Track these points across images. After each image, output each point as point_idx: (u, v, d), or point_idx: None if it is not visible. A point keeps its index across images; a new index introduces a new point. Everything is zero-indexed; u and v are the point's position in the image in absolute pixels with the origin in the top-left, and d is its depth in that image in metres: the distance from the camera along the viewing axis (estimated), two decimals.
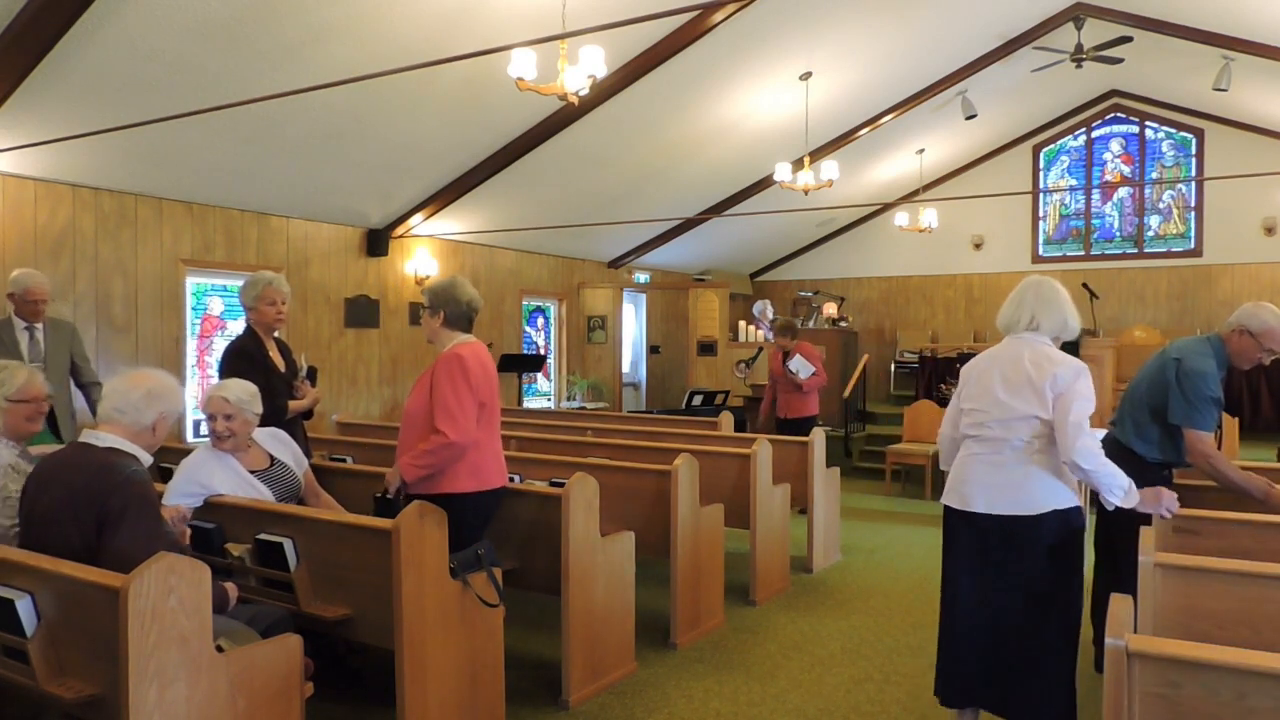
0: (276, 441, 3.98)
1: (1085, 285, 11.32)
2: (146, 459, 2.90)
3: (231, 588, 3.01)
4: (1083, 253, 13.04)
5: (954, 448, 3.32)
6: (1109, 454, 3.80)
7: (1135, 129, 12.67)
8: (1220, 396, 3.69)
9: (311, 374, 4.57)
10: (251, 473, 3.74)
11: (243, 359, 4.24)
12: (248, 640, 2.78)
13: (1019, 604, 3.05)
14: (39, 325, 5.35)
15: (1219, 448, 4.06)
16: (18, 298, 5.28)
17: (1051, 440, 3.03)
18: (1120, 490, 3.04)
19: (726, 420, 7.36)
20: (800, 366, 7.59)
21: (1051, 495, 3.04)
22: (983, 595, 3.10)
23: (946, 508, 3.24)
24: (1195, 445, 3.64)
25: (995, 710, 3.15)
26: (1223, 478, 3.63)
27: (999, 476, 3.07)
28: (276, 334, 4.52)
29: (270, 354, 4.39)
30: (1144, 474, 3.75)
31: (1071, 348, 3.19)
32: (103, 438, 2.83)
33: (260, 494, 3.69)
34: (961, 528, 3.16)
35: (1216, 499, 3.71)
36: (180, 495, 3.57)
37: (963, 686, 3.17)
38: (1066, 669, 3.05)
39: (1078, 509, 3.11)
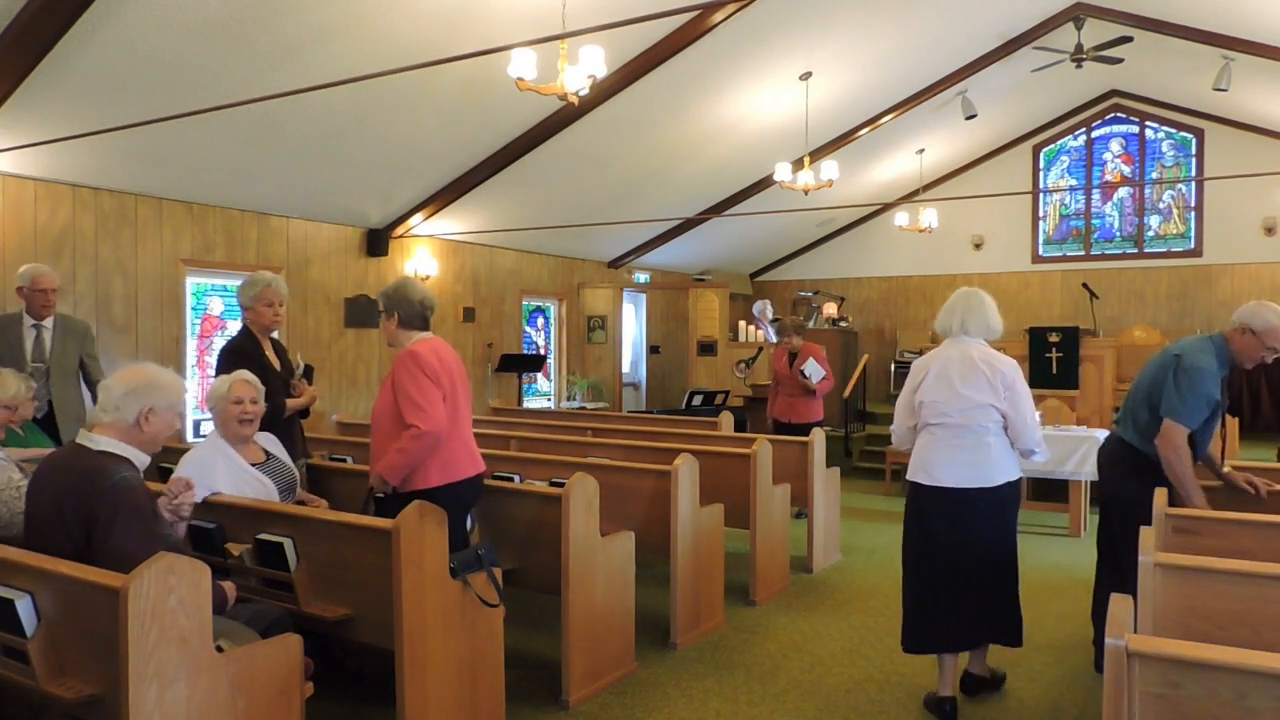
0: (271, 443, 4.00)
1: (1085, 285, 11.33)
2: (142, 459, 2.86)
3: (230, 587, 3.01)
4: (1083, 253, 13.04)
5: (910, 434, 3.86)
6: (1114, 452, 3.87)
7: (1135, 129, 12.67)
8: (1217, 396, 3.69)
9: (308, 372, 4.57)
10: (252, 465, 3.75)
11: (239, 357, 4.23)
12: (248, 640, 2.78)
13: (980, 555, 3.67)
14: (47, 324, 5.32)
15: (1222, 447, 4.06)
16: (26, 291, 5.26)
17: (1002, 425, 3.65)
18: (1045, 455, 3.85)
19: (726, 420, 7.36)
20: (814, 370, 7.38)
21: (1005, 470, 3.66)
22: (951, 553, 3.68)
23: (913, 483, 3.79)
24: (1167, 434, 3.64)
25: (969, 645, 3.80)
26: (1176, 474, 3.61)
27: (962, 456, 3.64)
28: (274, 335, 4.53)
29: (266, 353, 4.39)
30: (1144, 472, 3.76)
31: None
32: (97, 440, 2.81)
33: (264, 486, 3.70)
34: (928, 499, 3.72)
35: (1216, 500, 3.71)
36: None
37: (935, 634, 3.73)
38: (1015, 593, 3.81)
39: (1020, 479, 3.76)
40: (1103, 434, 5.92)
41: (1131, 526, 3.31)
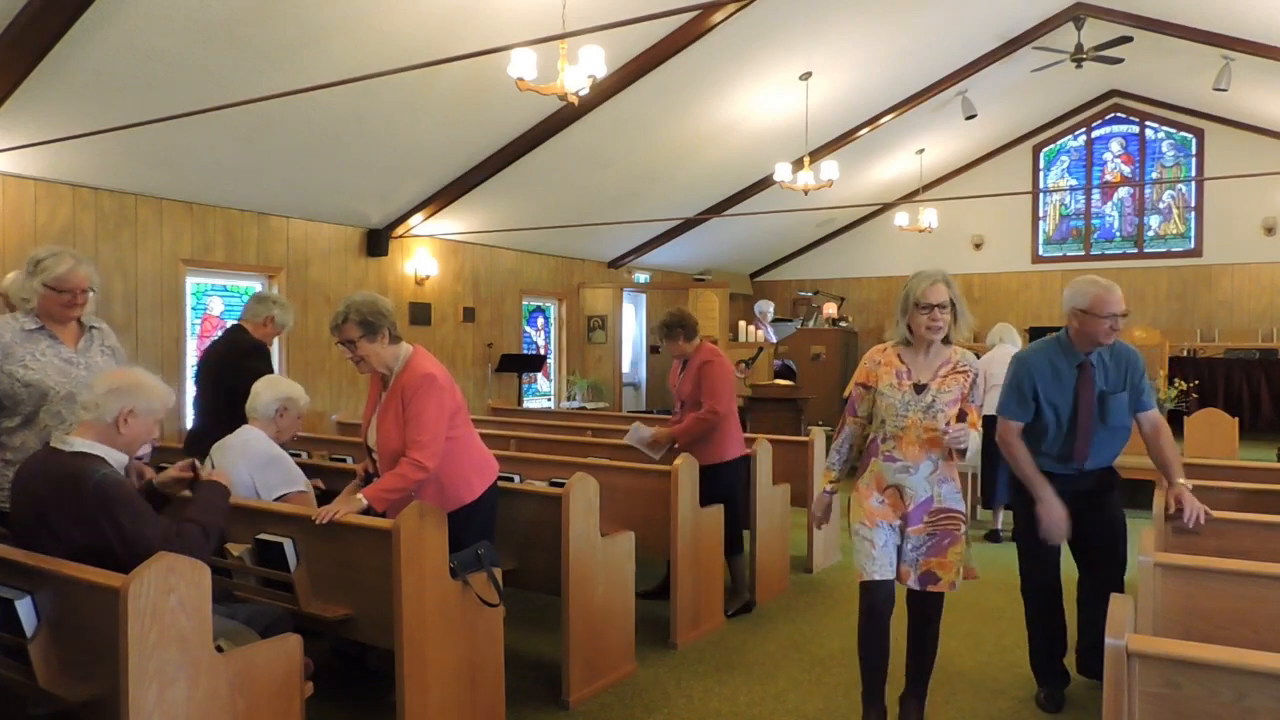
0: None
1: None
2: (119, 459, 2.81)
3: (222, 475, 3.05)
4: (1083, 253, 13.04)
5: None
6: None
7: (1135, 129, 12.68)
8: (1029, 390, 3.65)
9: None
10: None
11: (264, 356, 4.61)
12: (248, 640, 2.78)
13: None
14: None
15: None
16: None
17: None
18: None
19: None
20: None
21: None
22: None
23: None
24: (998, 429, 3.72)
25: None
26: (1015, 463, 3.69)
27: None
28: None
29: None
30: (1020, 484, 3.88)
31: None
32: (72, 442, 2.75)
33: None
34: None
35: (1216, 500, 3.70)
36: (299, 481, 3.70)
37: None
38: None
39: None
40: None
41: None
